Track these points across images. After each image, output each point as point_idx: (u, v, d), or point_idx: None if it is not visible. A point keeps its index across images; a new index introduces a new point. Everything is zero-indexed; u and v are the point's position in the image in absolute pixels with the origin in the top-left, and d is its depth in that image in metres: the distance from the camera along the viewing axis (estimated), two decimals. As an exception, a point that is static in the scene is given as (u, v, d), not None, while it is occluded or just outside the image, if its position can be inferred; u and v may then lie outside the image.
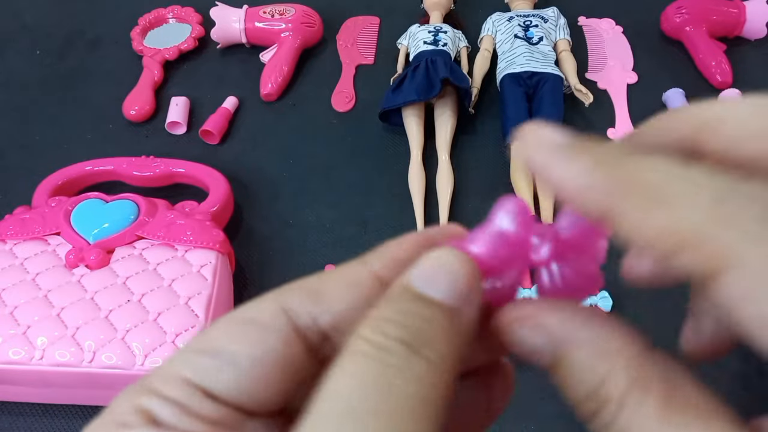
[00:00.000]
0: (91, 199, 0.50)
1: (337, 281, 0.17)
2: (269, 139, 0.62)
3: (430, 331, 0.14)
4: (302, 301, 0.16)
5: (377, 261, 0.17)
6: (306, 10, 0.68)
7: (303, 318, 0.16)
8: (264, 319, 0.16)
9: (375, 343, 0.14)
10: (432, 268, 0.15)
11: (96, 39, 0.72)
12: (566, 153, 0.15)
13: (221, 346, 0.15)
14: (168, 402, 0.14)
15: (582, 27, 0.69)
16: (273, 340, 0.15)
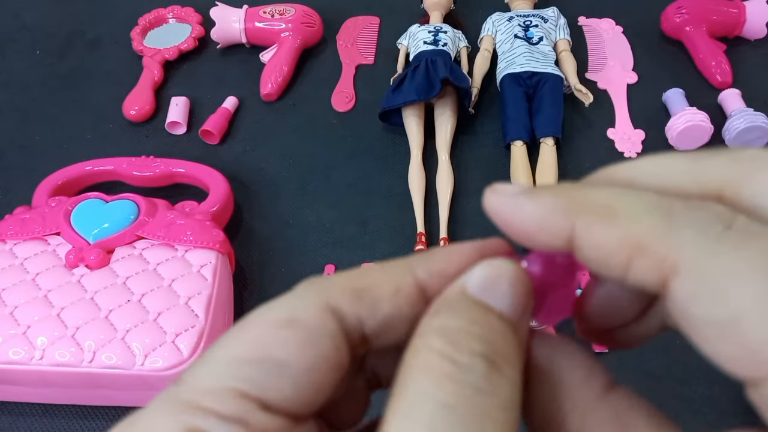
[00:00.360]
0: (91, 199, 0.50)
1: (384, 283, 0.15)
2: (269, 139, 0.62)
3: (506, 345, 0.13)
4: (351, 301, 0.15)
5: (422, 269, 0.16)
6: (306, 10, 0.68)
7: (350, 320, 0.15)
8: (311, 320, 0.14)
9: (452, 359, 0.13)
10: (492, 276, 0.15)
11: (96, 39, 0.72)
12: (527, 194, 0.15)
13: (271, 354, 0.14)
14: (226, 421, 0.13)
15: (582, 27, 0.69)
16: (325, 346, 0.14)
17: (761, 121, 0.55)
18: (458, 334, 0.13)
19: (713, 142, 0.57)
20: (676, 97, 0.60)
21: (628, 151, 0.59)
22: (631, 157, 0.58)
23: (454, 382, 0.12)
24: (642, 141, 0.59)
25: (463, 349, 0.13)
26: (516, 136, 0.57)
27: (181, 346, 0.41)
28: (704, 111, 0.57)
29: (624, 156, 0.58)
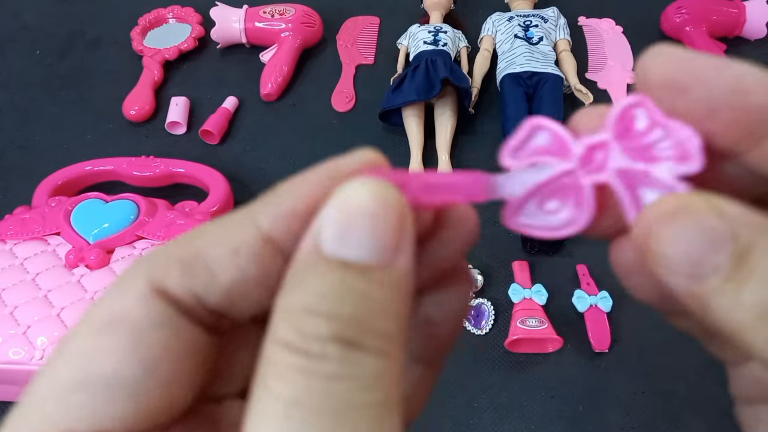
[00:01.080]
0: (91, 199, 0.50)
1: (218, 245, 0.13)
2: (269, 139, 0.62)
3: (366, 310, 0.11)
4: (180, 275, 0.12)
5: (265, 214, 0.13)
6: (306, 10, 0.68)
7: (185, 298, 0.12)
8: (133, 313, 0.12)
9: (302, 350, 0.11)
10: (346, 216, 0.12)
11: (96, 39, 0.72)
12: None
13: (95, 370, 0.11)
14: None
15: (582, 27, 0.69)
16: (159, 340, 0.12)
17: (761, 121, 0.55)
18: (304, 317, 0.11)
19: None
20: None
21: (628, 151, 0.59)
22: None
23: (303, 375, 0.10)
24: (642, 141, 0.59)
25: (311, 337, 0.11)
26: (516, 136, 0.57)
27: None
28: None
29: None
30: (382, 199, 0.12)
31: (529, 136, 0.15)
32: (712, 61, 0.13)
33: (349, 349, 0.11)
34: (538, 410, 0.44)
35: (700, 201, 0.12)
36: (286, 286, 0.12)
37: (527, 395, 0.45)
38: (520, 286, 0.48)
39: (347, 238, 0.11)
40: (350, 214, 0.12)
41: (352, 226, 0.12)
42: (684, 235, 0.12)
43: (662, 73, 0.14)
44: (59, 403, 0.11)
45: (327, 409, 0.10)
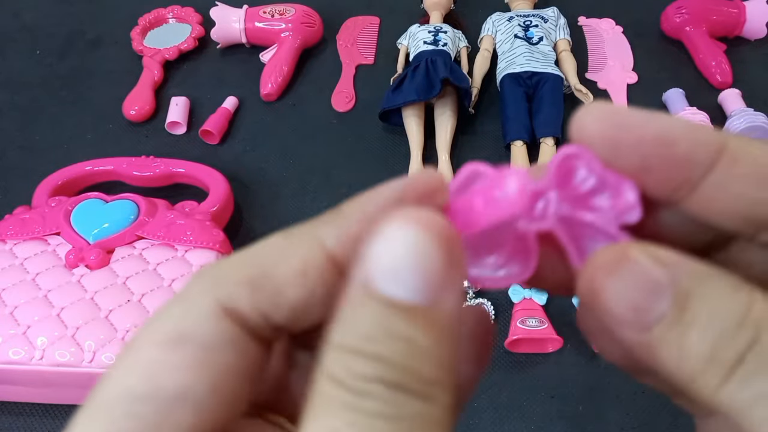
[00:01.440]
0: (91, 199, 0.50)
1: (286, 264, 0.13)
2: (269, 139, 0.62)
3: (411, 356, 0.11)
4: (249, 294, 0.13)
5: (332, 236, 0.13)
6: (306, 10, 0.68)
7: (252, 317, 0.13)
8: (203, 331, 0.12)
9: (349, 387, 0.11)
10: (393, 255, 0.11)
11: (96, 39, 0.72)
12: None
13: (161, 384, 0.12)
14: None
15: (582, 27, 0.69)
16: (226, 358, 0.12)
17: (761, 121, 0.55)
18: (351, 357, 0.11)
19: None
20: (676, 97, 0.60)
21: (628, 151, 0.59)
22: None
23: (350, 411, 0.11)
24: (642, 141, 0.59)
25: (356, 376, 0.11)
26: (516, 136, 0.57)
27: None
28: (704, 111, 0.57)
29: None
30: (429, 233, 0.12)
31: (469, 181, 0.15)
32: (641, 116, 0.13)
33: (394, 390, 0.11)
34: (538, 410, 0.44)
35: (638, 250, 0.13)
36: (338, 320, 0.12)
37: (527, 395, 0.45)
38: (520, 286, 0.48)
39: (394, 276, 0.11)
40: (397, 250, 0.11)
41: (398, 263, 0.11)
42: (625, 286, 0.12)
43: (595, 131, 0.14)
44: (126, 412, 0.12)
45: None
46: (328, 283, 0.13)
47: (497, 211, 0.14)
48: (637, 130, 0.13)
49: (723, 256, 0.15)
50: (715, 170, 0.13)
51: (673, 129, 0.13)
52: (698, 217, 0.14)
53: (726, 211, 0.13)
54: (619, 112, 0.14)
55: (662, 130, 0.13)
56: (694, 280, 0.12)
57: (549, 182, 0.15)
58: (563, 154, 0.14)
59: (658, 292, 0.12)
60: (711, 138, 0.13)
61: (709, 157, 0.13)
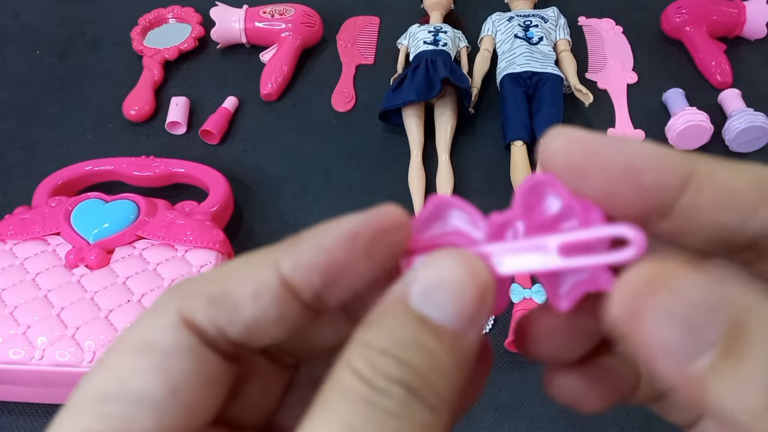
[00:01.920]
0: (91, 199, 0.50)
1: (243, 285, 0.14)
2: (269, 139, 0.62)
3: (433, 369, 0.12)
4: (207, 309, 0.14)
5: (288, 262, 0.14)
6: (306, 10, 0.68)
7: (209, 330, 0.14)
8: (165, 339, 0.13)
9: (370, 382, 0.12)
10: (437, 282, 0.13)
11: (96, 39, 0.72)
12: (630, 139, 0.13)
13: (127, 386, 0.13)
14: None
15: (582, 27, 0.69)
16: (184, 365, 0.13)
17: (761, 121, 0.55)
18: (379, 357, 0.12)
19: (713, 141, 0.57)
20: (676, 97, 0.60)
21: (628, 151, 0.59)
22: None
23: (366, 405, 0.12)
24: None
25: (380, 374, 0.12)
26: (516, 136, 0.57)
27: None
28: (704, 111, 0.57)
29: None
30: (472, 274, 0.13)
31: (436, 214, 0.15)
32: (608, 143, 0.13)
33: (411, 395, 0.12)
34: (538, 410, 0.44)
35: (682, 267, 0.11)
36: (370, 322, 0.13)
37: (527, 395, 0.45)
38: (520, 286, 0.48)
39: (433, 298, 0.13)
40: (442, 277, 0.13)
41: (440, 288, 0.13)
42: (669, 309, 0.11)
43: (562, 158, 0.14)
44: (94, 411, 0.13)
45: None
46: (281, 305, 0.14)
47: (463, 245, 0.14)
48: (604, 158, 0.13)
49: None
50: (684, 197, 0.13)
51: (640, 157, 0.13)
52: (672, 241, 0.14)
53: (697, 235, 0.13)
54: (585, 139, 0.13)
55: (629, 158, 0.13)
56: (748, 300, 0.11)
57: (515, 212, 0.15)
58: (529, 183, 0.14)
59: (709, 316, 0.11)
60: (679, 164, 0.13)
61: (676, 184, 0.13)
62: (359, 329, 0.13)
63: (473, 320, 0.13)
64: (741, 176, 0.13)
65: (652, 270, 0.12)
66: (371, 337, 0.13)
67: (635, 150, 0.13)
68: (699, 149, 0.58)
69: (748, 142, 0.56)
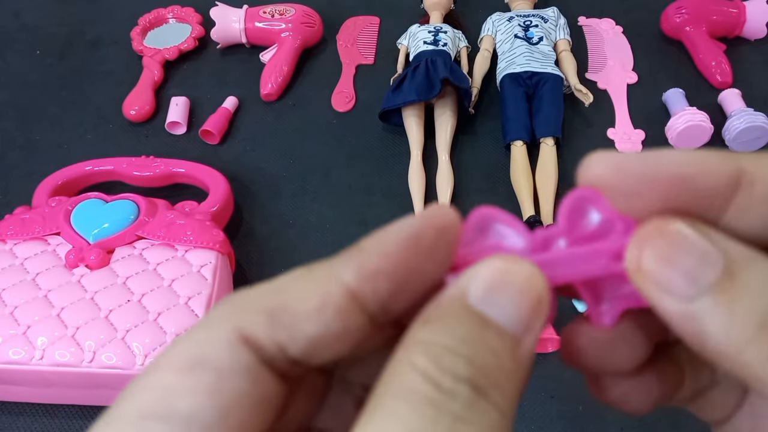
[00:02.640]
0: (91, 199, 0.50)
1: (305, 299, 0.13)
2: (269, 139, 0.62)
3: (499, 369, 0.12)
4: (267, 325, 0.13)
5: (351, 272, 0.13)
6: (306, 10, 0.68)
7: (269, 347, 0.13)
8: (220, 357, 0.13)
9: (435, 382, 0.11)
10: (497, 283, 0.13)
11: (96, 39, 0.72)
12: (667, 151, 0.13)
13: (175, 407, 0.12)
14: None
15: (582, 27, 0.69)
16: (239, 385, 0.12)
17: (761, 121, 0.55)
18: (445, 354, 0.12)
19: (713, 142, 0.57)
20: (676, 97, 0.60)
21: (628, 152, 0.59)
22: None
23: (433, 408, 0.11)
24: (642, 141, 0.59)
25: (447, 372, 0.12)
26: (516, 136, 0.57)
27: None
28: (704, 111, 0.57)
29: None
30: (530, 279, 0.13)
31: (479, 226, 0.15)
32: (651, 159, 0.13)
33: (478, 395, 0.11)
34: (538, 410, 0.44)
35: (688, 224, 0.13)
36: (428, 321, 0.13)
37: (527, 395, 0.45)
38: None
39: (493, 299, 0.13)
40: (502, 280, 0.13)
41: (501, 290, 0.13)
42: (675, 252, 0.13)
43: (609, 182, 0.14)
44: (138, 430, 0.12)
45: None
46: (345, 318, 0.13)
47: None
48: (652, 173, 0.13)
49: None
50: (737, 195, 0.13)
51: (687, 166, 0.13)
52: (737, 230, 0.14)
53: (754, 231, 0.13)
54: (627, 160, 0.13)
55: (677, 168, 0.13)
56: (742, 254, 0.13)
57: (560, 228, 0.15)
58: (572, 199, 0.15)
59: (709, 261, 0.12)
60: (725, 165, 0.13)
61: (728, 184, 0.13)
62: (414, 328, 0.13)
63: (531, 325, 0.13)
64: None
65: (653, 223, 0.13)
66: (432, 335, 0.12)
67: (681, 160, 0.13)
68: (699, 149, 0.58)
69: (748, 142, 0.56)
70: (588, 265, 0.14)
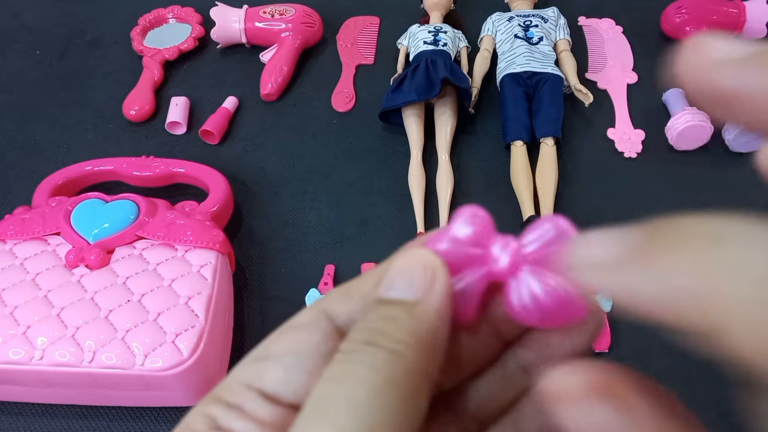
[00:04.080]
0: (91, 199, 0.50)
1: (368, 280, 0.18)
2: (269, 139, 0.62)
3: (389, 326, 0.16)
4: (340, 301, 0.18)
5: None
6: (306, 10, 0.68)
7: (341, 317, 0.18)
8: (305, 321, 0.18)
9: (346, 350, 0.15)
10: (392, 272, 0.17)
11: (96, 39, 0.72)
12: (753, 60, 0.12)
13: (271, 350, 0.17)
14: (230, 408, 0.16)
15: (582, 27, 0.69)
16: (313, 337, 0.17)
17: (761, 121, 0.55)
18: (353, 333, 0.16)
19: (713, 142, 0.57)
20: (676, 97, 0.60)
21: (628, 152, 0.59)
22: (631, 158, 0.58)
23: (342, 363, 0.15)
24: (642, 141, 0.59)
25: (354, 340, 0.16)
26: (516, 136, 0.57)
27: (181, 346, 0.41)
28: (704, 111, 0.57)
29: (624, 156, 0.58)
30: (414, 259, 0.17)
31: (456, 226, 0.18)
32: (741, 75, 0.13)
33: (368, 345, 0.15)
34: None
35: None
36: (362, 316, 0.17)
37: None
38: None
39: (392, 285, 0.16)
40: (396, 269, 0.17)
41: (396, 276, 0.17)
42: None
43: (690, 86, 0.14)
44: (245, 367, 0.17)
45: (340, 379, 0.15)
46: None
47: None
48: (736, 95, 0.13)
49: None
50: None
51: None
52: None
53: None
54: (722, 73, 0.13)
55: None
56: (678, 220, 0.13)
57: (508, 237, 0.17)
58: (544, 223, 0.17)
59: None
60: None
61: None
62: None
63: (428, 288, 0.16)
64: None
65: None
66: (355, 327, 0.16)
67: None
68: (699, 149, 0.58)
69: (748, 142, 0.56)
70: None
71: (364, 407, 0.14)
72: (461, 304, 0.17)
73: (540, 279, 0.16)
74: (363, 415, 0.14)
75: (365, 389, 0.14)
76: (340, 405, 0.14)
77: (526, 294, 0.16)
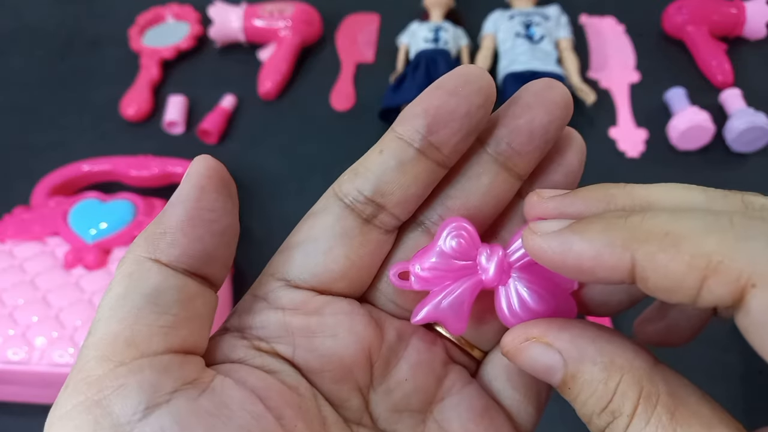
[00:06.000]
0: (88, 199, 0.50)
1: (371, 160, 0.21)
2: (268, 139, 0.61)
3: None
4: (347, 180, 0.21)
5: None
6: (305, 8, 0.68)
7: (351, 193, 0.20)
8: (320, 207, 0.21)
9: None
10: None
11: (96, 39, 0.72)
12: (574, 231, 0.15)
13: (291, 241, 0.21)
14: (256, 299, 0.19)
15: (584, 26, 0.69)
16: (327, 220, 0.20)
17: (762, 121, 0.55)
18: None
19: (714, 141, 0.57)
20: (677, 97, 0.59)
21: (630, 151, 0.58)
22: (633, 157, 0.58)
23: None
24: (644, 140, 0.59)
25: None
26: (516, 135, 0.56)
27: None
28: (706, 110, 0.57)
29: (626, 156, 0.58)
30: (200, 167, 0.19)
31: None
32: (558, 248, 0.15)
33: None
34: (539, 411, 0.44)
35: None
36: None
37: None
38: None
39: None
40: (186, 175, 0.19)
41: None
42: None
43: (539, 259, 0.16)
44: (288, 255, 0.20)
45: None
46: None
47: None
48: (563, 266, 0.15)
49: None
50: (634, 285, 0.15)
51: (584, 258, 0.15)
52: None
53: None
54: (547, 246, 0.15)
55: (577, 263, 0.15)
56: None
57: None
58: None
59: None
60: (618, 259, 0.14)
61: (621, 278, 0.14)
62: None
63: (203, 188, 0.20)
64: (679, 258, 0.13)
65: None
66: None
67: (582, 252, 0.15)
68: (701, 149, 0.57)
69: (748, 142, 0.56)
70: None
71: None
72: (452, 315, 0.17)
73: (527, 285, 0.17)
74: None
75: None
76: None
77: (515, 300, 0.17)
